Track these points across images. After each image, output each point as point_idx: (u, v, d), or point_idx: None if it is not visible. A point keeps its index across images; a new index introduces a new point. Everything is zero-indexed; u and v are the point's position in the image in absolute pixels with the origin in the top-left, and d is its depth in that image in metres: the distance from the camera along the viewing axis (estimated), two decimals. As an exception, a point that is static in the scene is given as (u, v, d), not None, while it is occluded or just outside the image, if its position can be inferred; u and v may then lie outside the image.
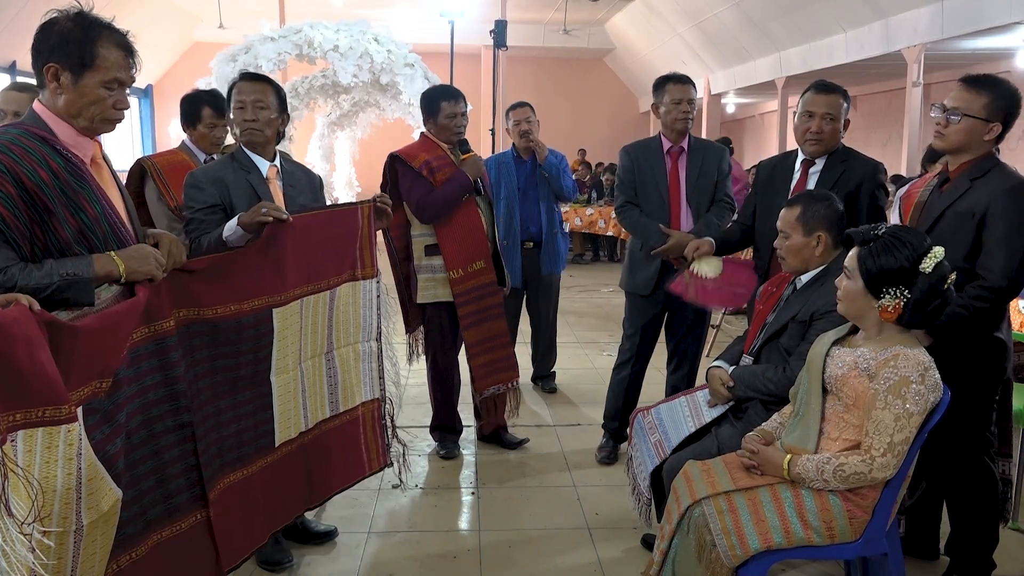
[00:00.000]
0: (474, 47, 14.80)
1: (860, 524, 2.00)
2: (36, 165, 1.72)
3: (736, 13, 11.56)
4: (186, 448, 2.02)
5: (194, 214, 2.49)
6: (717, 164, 3.46)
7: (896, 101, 12.50)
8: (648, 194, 3.46)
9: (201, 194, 2.49)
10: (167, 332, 1.96)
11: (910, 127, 8.69)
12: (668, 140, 3.46)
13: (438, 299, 3.52)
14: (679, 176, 3.44)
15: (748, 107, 18.42)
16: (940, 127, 2.37)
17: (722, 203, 3.45)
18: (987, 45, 9.09)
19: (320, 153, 13.03)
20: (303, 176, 2.77)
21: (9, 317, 1.42)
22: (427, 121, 3.53)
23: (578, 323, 6.62)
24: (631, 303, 3.61)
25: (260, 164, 2.58)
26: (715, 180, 3.45)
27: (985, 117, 2.30)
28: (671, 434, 2.61)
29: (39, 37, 1.79)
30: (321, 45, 9.52)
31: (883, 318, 2.00)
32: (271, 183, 2.60)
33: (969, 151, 2.36)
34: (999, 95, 2.30)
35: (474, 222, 3.49)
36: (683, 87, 3.39)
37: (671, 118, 3.42)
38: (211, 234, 2.43)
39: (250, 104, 2.53)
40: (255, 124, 2.54)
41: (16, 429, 1.44)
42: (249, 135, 2.55)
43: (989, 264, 2.26)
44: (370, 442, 2.75)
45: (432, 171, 3.41)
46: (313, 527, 2.92)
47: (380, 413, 2.78)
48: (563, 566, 2.74)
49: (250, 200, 2.48)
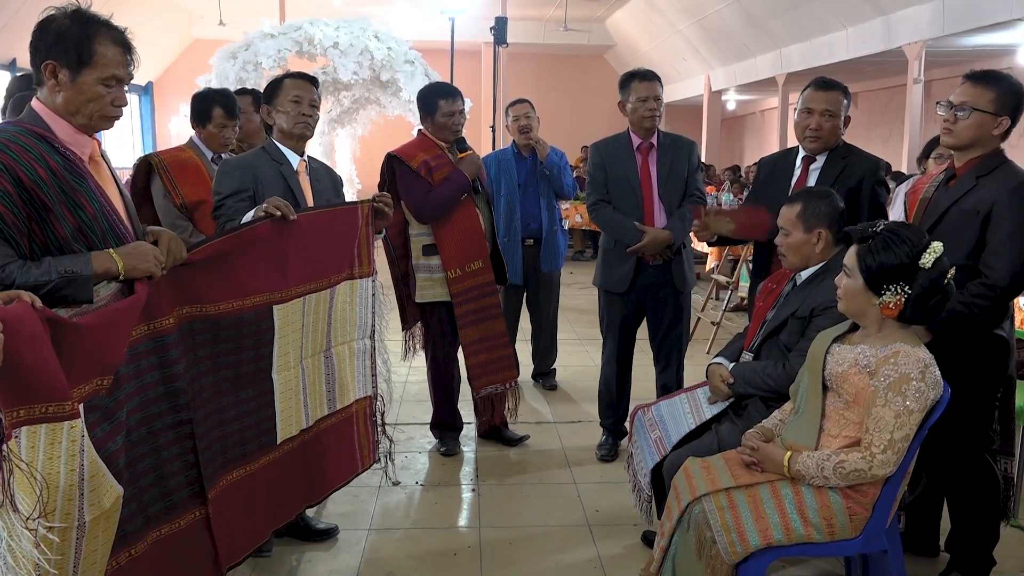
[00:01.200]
0: (474, 44, 14.79)
1: (860, 521, 2.00)
2: (34, 162, 1.71)
3: (736, 10, 11.55)
4: (185, 446, 2.02)
5: (222, 200, 2.58)
6: (687, 159, 3.46)
7: (897, 98, 12.48)
8: (621, 191, 3.44)
9: (230, 180, 2.58)
10: (166, 330, 1.96)
11: (911, 124, 8.69)
12: (637, 137, 3.45)
13: (436, 299, 3.51)
14: (650, 172, 3.43)
15: (749, 104, 18.39)
16: (948, 123, 2.36)
17: (693, 197, 3.44)
18: (988, 41, 9.07)
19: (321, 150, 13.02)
20: (326, 174, 2.88)
21: (13, 313, 1.42)
22: (424, 119, 3.52)
23: (578, 320, 6.62)
24: (606, 301, 3.60)
25: (291, 158, 2.68)
26: (685, 175, 3.44)
27: (994, 111, 2.29)
28: (671, 431, 2.61)
29: (37, 34, 1.78)
30: (321, 42, 9.52)
31: (884, 315, 2.00)
32: (301, 176, 2.70)
33: (978, 147, 2.35)
34: (1006, 89, 2.30)
35: (472, 221, 3.48)
36: (649, 84, 3.37)
37: (638, 116, 3.39)
38: (235, 221, 2.48)
39: (307, 101, 2.67)
40: (311, 120, 2.68)
41: (19, 425, 1.45)
42: (303, 128, 2.68)
43: (992, 262, 2.25)
44: (362, 439, 2.76)
45: (431, 171, 3.41)
46: (314, 525, 2.93)
47: (372, 410, 2.79)
48: (563, 563, 2.74)
49: (282, 191, 2.58)
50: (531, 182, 4.44)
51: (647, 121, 3.38)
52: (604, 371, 3.67)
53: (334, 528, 2.93)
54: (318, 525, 2.93)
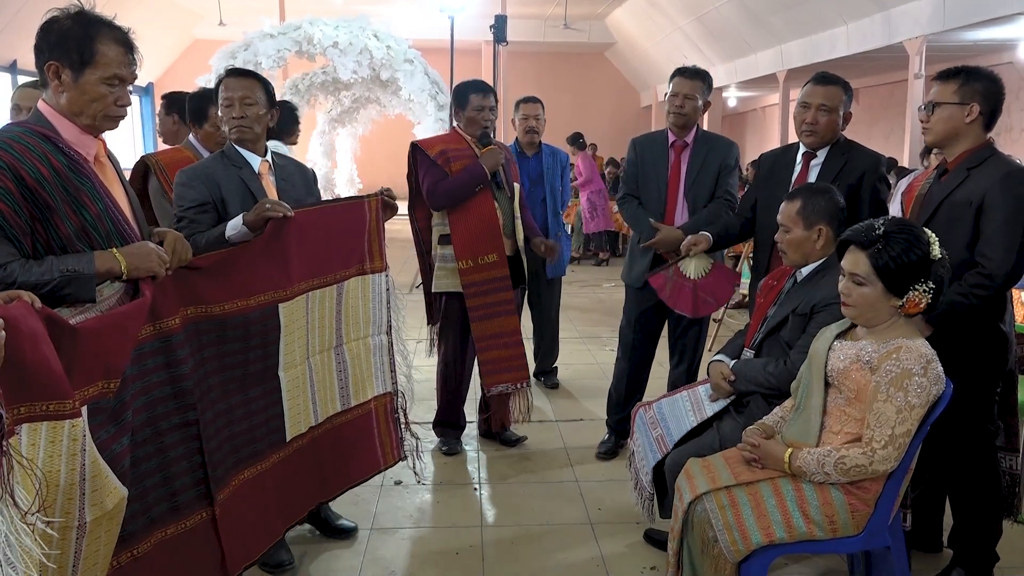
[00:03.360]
0: (474, 42, 14.79)
1: (862, 517, 2.00)
2: (37, 162, 1.72)
3: (736, 6, 11.54)
4: (192, 446, 2.03)
5: (184, 212, 2.45)
6: (721, 159, 3.43)
7: (898, 93, 12.47)
8: (648, 187, 3.47)
9: (192, 192, 2.45)
10: (172, 330, 1.96)
11: (912, 119, 8.67)
12: (673, 134, 3.46)
13: (450, 289, 3.50)
14: (680, 170, 3.44)
15: (749, 100, 18.39)
16: (924, 123, 2.44)
17: (721, 199, 3.44)
18: (989, 36, 9.07)
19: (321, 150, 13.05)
20: (295, 170, 2.75)
21: (14, 312, 1.43)
22: (457, 114, 3.56)
23: (580, 318, 6.62)
24: (628, 295, 3.62)
25: (251, 160, 2.54)
26: (717, 175, 3.44)
27: (958, 101, 2.35)
28: (672, 429, 2.60)
29: (40, 36, 1.79)
30: (321, 42, 9.52)
31: (909, 312, 1.99)
32: (263, 178, 2.57)
33: (959, 140, 2.38)
34: (968, 78, 2.35)
35: (487, 213, 3.44)
36: (678, 80, 3.38)
37: (666, 111, 3.44)
38: (206, 233, 2.41)
39: (238, 101, 2.48)
40: (244, 121, 2.50)
41: (20, 423, 1.45)
42: (239, 132, 2.51)
43: (988, 252, 2.26)
44: (384, 436, 2.75)
45: (448, 160, 3.42)
46: (335, 521, 2.90)
47: (393, 407, 2.78)
48: (566, 561, 2.74)
49: (243, 196, 2.46)
50: (534, 182, 4.44)
51: (672, 117, 3.40)
52: (616, 367, 3.67)
53: (354, 528, 2.91)
54: (340, 523, 2.91)
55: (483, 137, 3.49)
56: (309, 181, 2.79)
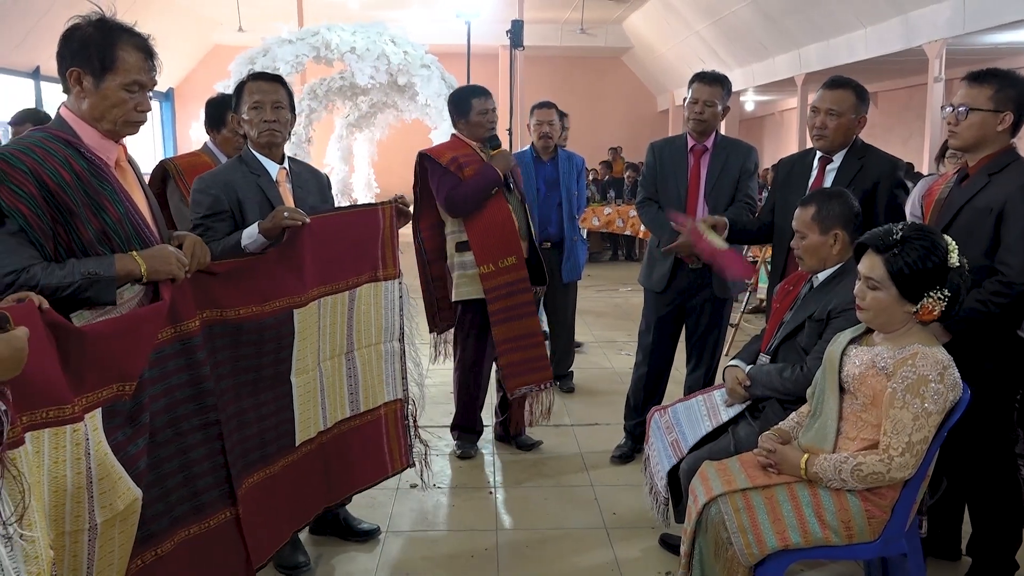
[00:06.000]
0: (491, 47, 14.82)
1: (879, 524, 1.99)
2: (58, 166, 1.75)
3: (753, 10, 11.50)
4: (214, 447, 2.05)
5: (201, 220, 2.43)
6: (741, 164, 3.42)
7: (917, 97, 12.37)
8: (667, 191, 3.46)
9: (209, 199, 2.43)
10: (192, 332, 1.98)
11: (932, 123, 8.60)
12: (692, 138, 3.45)
13: (471, 296, 3.49)
14: (700, 174, 3.43)
15: (767, 104, 18.29)
16: (951, 125, 2.37)
17: (741, 203, 3.43)
18: (1010, 39, 8.97)
19: (339, 155, 13.11)
20: (310, 176, 2.73)
21: (16, 314, 1.43)
22: (458, 122, 3.54)
23: (596, 323, 6.61)
24: (646, 299, 3.61)
25: (270, 167, 2.52)
26: (736, 179, 3.42)
27: (993, 108, 2.29)
28: (688, 433, 2.60)
29: (62, 43, 1.83)
30: (338, 47, 9.58)
31: (923, 320, 1.98)
32: (281, 186, 2.55)
33: (985, 146, 2.34)
34: (1004, 84, 2.29)
35: (504, 216, 3.44)
36: (697, 86, 3.38)
37: (685, 117, 3.44)
38: (223, 240, 2.39)
39: (269, 104, 2.45)
40: (275, 125, 2.46)
41: (25, 431, 1.45)
42: (269, 136, 2.47)
43: (1008, 259, 2.23)
44: (392, 442, 2.76)
45: (460, 167, 3.41)
46: (356, 525, 2.91)
47: (403, 413, 2.79)
48: (580, 566, 2.74)
49: (261, 204, 2.45)
50: (551, 187, 4.44)
51: (690, 123, 3.40)
52: (635, 372, 3.66)
53: (376, 530, 2.92)
54: (360, 526, 2.91)
55: (491, 140, 3.49)
56: (323, 187, 2.78)
